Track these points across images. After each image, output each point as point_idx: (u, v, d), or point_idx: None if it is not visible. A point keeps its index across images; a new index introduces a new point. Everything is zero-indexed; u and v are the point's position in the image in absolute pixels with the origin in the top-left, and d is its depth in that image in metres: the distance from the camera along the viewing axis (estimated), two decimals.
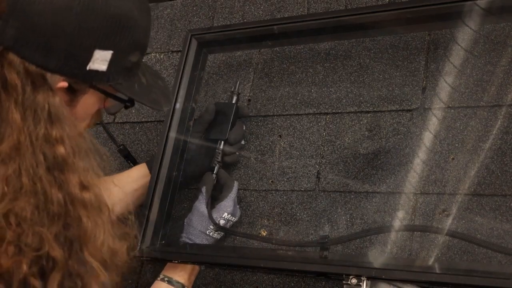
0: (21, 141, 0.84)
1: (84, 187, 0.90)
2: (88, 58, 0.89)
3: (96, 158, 0.95)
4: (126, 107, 1.05)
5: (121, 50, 0.92)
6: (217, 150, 1.41)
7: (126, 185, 1.37)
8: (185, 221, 1.35)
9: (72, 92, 0.93)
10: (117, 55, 0.92)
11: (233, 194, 1.36)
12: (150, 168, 1.42)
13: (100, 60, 0.90)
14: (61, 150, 0.87)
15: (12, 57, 0.85)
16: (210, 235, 1.33)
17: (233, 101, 1.45)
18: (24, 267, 0.83)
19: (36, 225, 0.84)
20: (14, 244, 0.83)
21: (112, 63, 0.92)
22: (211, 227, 1.33)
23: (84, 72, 0.90)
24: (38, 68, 0.87)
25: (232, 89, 1.47)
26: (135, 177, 1.42)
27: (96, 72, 0.91)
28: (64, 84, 0.91)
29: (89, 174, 0.92)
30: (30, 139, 0.85)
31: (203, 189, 1.36)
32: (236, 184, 1.38)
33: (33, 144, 0.85)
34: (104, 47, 0.90)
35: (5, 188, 0.83)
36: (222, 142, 1.42)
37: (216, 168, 1.41)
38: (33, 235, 0.84)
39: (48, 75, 0.88)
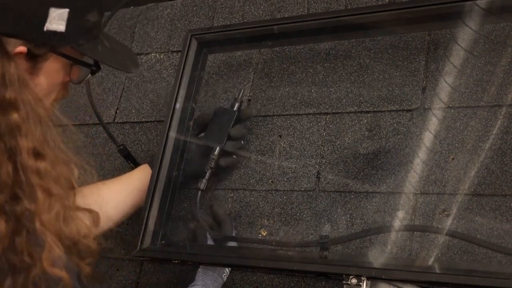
0: None
1: (38, 155, 0.85)
2: (44, 17, 0.86)
3: (57, 130, 0.90)
4: (92, 72, 1.01)
5: (77, 7, 0.89)
6: (211, 156, 1.40)
7: (127, 189, 1.37)
8: (197, 274, 1.30)
9: (32, 58, 0.90)
10: (74, 13, 0.88)
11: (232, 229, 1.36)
12: (151, 166, 1.42)
13: (57, 20, 0.86)
14: (14, 115, 0.83)
15: None
16: (223, 278, 1.32)
17: (235, 108, 1.44)
18: None
19: None
20: None
21: (70, 22, 0.88)
22: (226, 269, 1.33)
23: (41, 33, 0.86)
24: None
25: (236, 96, 1.46)
26: (137, 178, 1.41)
27: (55, 33, 0.87)
28: (22, 49, 0.87)
29: (47, 143, 0.87)
30: None
31: (204, 236, 1.33)
32: (232, 224, 1.36)
33: None
34: (59, 4, 0.86)
35: None
36: (218, 148, 1.40)
37: (207, 173, 1.41)
38: None
39: (4, 40, 0.84)
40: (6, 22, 0.84)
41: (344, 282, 1.09)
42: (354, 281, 1.08)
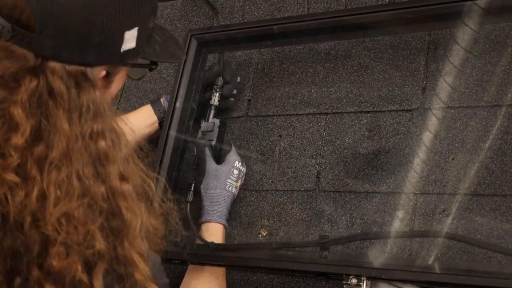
0: (70, 146, 0.85)
1: (123, 178, 0.90)
2: (121, 42, 0.90)
3: (134, 147, 0.97)
4: (151, 70, 1.07)
5: (143, 22, 0.94)
6: (194, 166, 1.42)
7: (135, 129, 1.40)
8: (202, 191, 1.35)
9: (108, 77, 0.95)
10: (141, 28, 0.93)
11: (234, 149, 1.40)
12: (155, 110, 1.48)
13: (130, 39, 0.91)
14: (102, 144, 0.88)
15: (53, 64, 0.85)
16: (229, 190, 1.35)
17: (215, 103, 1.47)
18: (79, 267, 0.85)
19: (85, 223, 0.85)
20: (65, 245, 0.84)
21: (139, 38, 0.93)
22: (229, 180, 1.35)
23: (119, 55, 0.91)
24: (79, 67, 0.87)
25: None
26: (142, 120, 1.47)
27: (128, 51, 0.92)
28: (103, 72, 0.92)
29: (129, 164, 0.93)
30: (77, 142, 0.86)
31: (206, 151, 1.37)
32: (232, 146, 1.41)
33: (81, 145, 0.86)
34: (131, 27, 0.91)
35: (58, 193, 0.84)
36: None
37: (193, 184, 1.41)
38: (84, 234, 0.85)
39: (89, 70, 0.88)
40: (90, 54, 0.88)
41: (344, 282, 1.09)
42: (354, 281, 1.08)
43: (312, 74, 1.45)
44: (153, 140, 1.52)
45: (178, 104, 1.43)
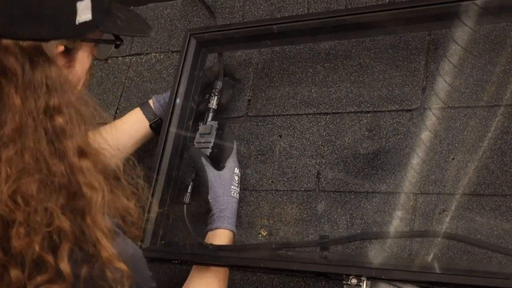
0: (23, 122, 0.84)
1: (82, 153, 0.89)
2: (74, 12, 0.89)
3: (95, 119, 0.95)
4: (116, 46, 1.06)
5: None
6: (192, 169, 1.42)
7: (121, 138, 1.40)
8: (210, 200, 1.33)
9: (68, 53, 0.93)
10: None
11: (235, 152, 1.39)
12: (145, 113, 1.46)
13: (84, 10, 0.90)
14: (59, 120, 0.87)
15: (6, 42, 0.84)
16: (234, 196, 1.34)
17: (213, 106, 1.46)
18: (36, 247, 0.83)
19: (44, 201, 0.84)
20: (25, 224, 0.83)
21: (93, 9, 0.92)
22: (232, 187, 1.35)
23: (75, 28, 0.90)
24: (33, 42, 0.86)
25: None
26: (133, 124, 1.46)
27: (85, 23, 0.91)
28: (61, 48, 0.91)
29: (90, 140, 0.91)
30: (32, 117, 0.85)
31: (203, 161, 1.35)
32: (235, 143, 1.40)
33: (35, 121, 0.85)
34: None
35: (8, 170, 0.83)
36: None
37: (190, 186, 1.42)
38: (42, 212, 0.84)
39: (43, 45, 0.87)
40: (43, 27, 0.87)
41: (344, 282, 1.09)
42: (354, 281, 1.08)
43: (312, 74, 1.45)
44: (152, 140, 1.52)
45: (177, 104, 1.43)
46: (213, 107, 1.46)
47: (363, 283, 1.07)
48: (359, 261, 1.16)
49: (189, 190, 1.41)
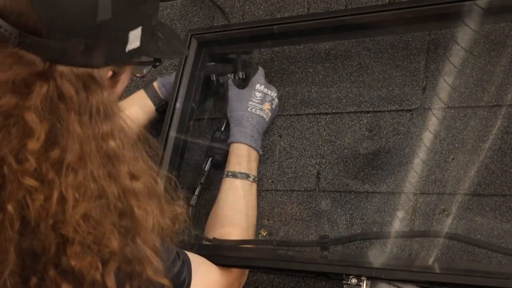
0: (84, 148, 0.87)
1: (133, 176, 0.92)
2: (126, 42, 0.91)
3: (144, 146, 0.97)
4: (155, 66, 1.09)
5: (146, 21, 0.95)
6: (201, 172, 1.43)
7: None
8: (227, 115, 1.37)
9: (114, 77, 0.96)
10: (144, 27, 0.94)
11: (260, 72, 1.41)
12: (150, 97, 1.48)
13: (135, 39, 0.92)
14: (112, 144, 0.89)
15: (61, 68, 0.86)
16: (253, 112, 1.37)
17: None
18: (99, 266, 0.86)
19: (102, 223, 0.87)
20: (82, 244, 0.85)
21: (143, 36, 0.94)
22: (250, 103, 1.37)
23: (125, 55, 0.92)
24: (86, 69, 0.88)
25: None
26: (138, 107, 1.48)
27: (133, 50, 0.93)
28: (110, 73, 0.93)
29: (138, 163, 0.94)
30: (90, 144, 0.87)
31: (229, 81, 1.39)
32: (259, 70, 1.42)
33: (93, 148, 0.88)
34: (135, 27, 0.92)
35: (77, 195, 0.85)
36: (208, 163, 1.44)
37: (198, 189, 1.43)
38: (100, 233, 0.87)
39: (96, 72, 0.89)
40: (97, 56, 0.89)
41: (344, 282, 1.09)
42: (354, 281, 1.08)
43: (312, 74, 1.45)
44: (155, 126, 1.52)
45: (178, 104, 1.43)
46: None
47: (363, 283, 1.07)
48: (359, 261, 1.16)
49: (196, 193, 1.41)
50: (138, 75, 1.08)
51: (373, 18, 1.28)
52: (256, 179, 1.36)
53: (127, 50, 0.92)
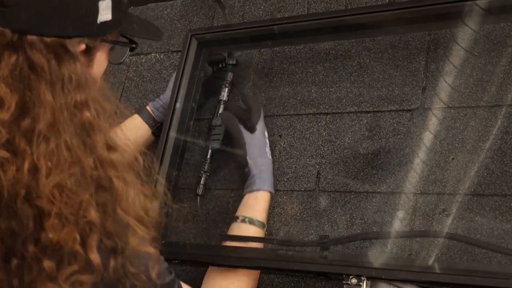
0: (56, 117, 0.87)
1: (110, 147, 0.92)
2: (96, 11, 0.92)
3: (117, 115, 0.98)
4: (131, 50, 1.09)
5: None
6: (205, 160, 1.42)
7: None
8: (249, 161, 1.34)
9: (88, 53, 0.96)
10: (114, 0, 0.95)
11: (262, 115, 1.40)
12: (145, 119, 1.48)
13: (105, 10, 0.93)
14: (87, 114, 0.90)
15: (31, 38, 0.87)
16: (269, 158, 1.36)
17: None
18: (77, 237, 0.85)
19: (79, 193, 0.87)
20: (60, 216, 0.85)
21: (113, 9, 0.95)
22: (266, 149, 1.36)
23: (96, 27, 0.93)
24: (57, 39, 0.89)
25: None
26: (133, 131, 1.46)
27: (105, 23, 0.94)
28: (83, 46, 0.93)
29: (115, 136, 0.95)
30: (64, 112, 0.88)
31: (238, 124, 1.37)
32: (262, 108, 1.41)
33: (67, 116, 0.88)
34: None
35: (49, 164, 0.85)
36: (210, 151, 1.44)
37: (203, 178, 1.43)
38: (77, 204, 0.86)
39: (67, 42, 0.90)
40: (67, 25, 0.89)
41: (344, 282, 1.09)
42: (354, 281, 1.08)
43: (312, 74, 1.45)
44: (152, 143, 1.52)
45: (178, 104, 1.43)
46: (224, 98, 1.47)
47: (363, 283, 1.07)
48: (359, 261, 1.16)
49: (202, 182, 1.41)
50: (114, 62, 1.08)
51: (373, 18, 1.28)
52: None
53: (98, 21, 0.92)
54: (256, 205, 1.30)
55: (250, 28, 1.43)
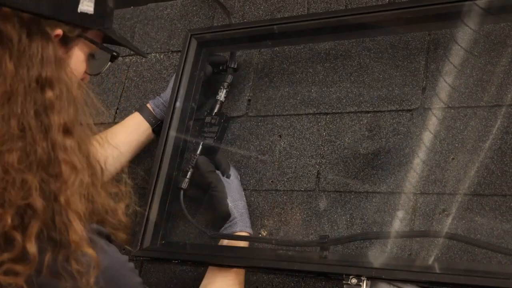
0: (13, 87, 0.86)
1: (67, 131, 0.89)
2: (77, 0, 0.92)
3: (90, 112, 0.95)
4: (112, 58, 1.07)
5: None
6: (193, 155, 1.43)
7: (122, 142, 1.41)
8: (230, 204, 1.34)
9: (65, 43, 0.95)
10: None
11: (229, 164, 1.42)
12: (145, 117, 1.47)
13: (87, 1, 0.93)
14: (49, 93, 0.88)
15: (5, 10, 0.87)
16: (245, 200, 1.38)
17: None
18: (8, 220, 0.82)
19: (23, 173, 0.84)
20: (0, 195, 0.82)
21: (96, 5, 0.95)
22: (242, 192, 1.39)
23: (76, 14, 0.93)
24: (33, 16, 0.89)
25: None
26: (134, 128, 1.46)
27: (86, 14, 0.94)
28: (59, 31, 0.93)
29: (78, 122, 0.92)
30: (23, 84, 0.86)
31: (216, 171, 1.38)
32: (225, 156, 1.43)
33: (26, 89, 0.87)
34: None
35: None
36: (200, 147, 1.43)
37: (189, 172, 1.42)
38: (19, 184, 0.83)
39: (43, 22, 0.90)
40: (44, 4, 0.89)
41: (344, 282, 1.09)
42: (354, 281, 1.08)
43: (312, 74, 1.45)
44: (152, 140, 1.52)
45: (178, 104, 1.43)
46: (221, 99, 1.47)
47: (363, 283, 1.07)
48: (359, 261, 1.16)
49: (188, 176, 1.41)
50: (92, 73, 1.07)
51: (373, 18, 1.28)
52: None
53: (79, 10, 0.92)
54: (239, 244, 1.31)
55: (250, 28, 1.43)
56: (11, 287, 0.82)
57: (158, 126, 1.48)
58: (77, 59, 0.99)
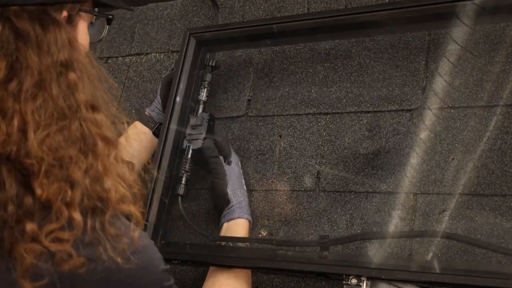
0: (43, 76, 0.90)
1: (93, 107, 0.95)
2: None
3: (104, 88, 1.01)
4: (108, 21, 1.14)
5: None
6: (184, 159, 1.42)
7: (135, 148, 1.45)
8: (229, 193, 1.36)
9: (71, 22, 1.00)
10: None
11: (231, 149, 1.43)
12: (144, 123, 1.49)
13: None
14: (71, 74, 0.93)
15: (14, 8, 0.90)
16: (245, 188, 1.39)
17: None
18: (68, 193, 0.87)
19: (65, 149, 0.89)
20: (48, 174, 0.87)
21: None
22: (242, 180, 1.39)
23: None
24: (39, 6, 0.92)
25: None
26: (135, 136, 1.49)
27: None
28: (65, 13, 0.97)
29: (98, 97, 0.97)
30: (50, 71, 0.91)
31: (220, 157, 1.39)
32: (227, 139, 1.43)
33: (51, 75, 0.91)
34: None
35: (37, 117, 0.88)
36: (190, 150, 1.42)
37: (184, 178, 1.41)
38: (65, 161, 0.89)
39: (50, 9, 0.93)
40: None
41: (344, 282, 1.09)
42: (354, 281, 1.08)
43: (312, 74, 1.45)
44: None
45: (177, 102, 1.43)
46: (203, 99, 1.47)
47: (363, 283, 1.07)
48: (359, 261, 1.16)
49: (183, 182, 1.40)
50: (95, 40, 1.14)
51: (373, 18, 1.28)
52: None
53: None
54: (237, 231, 1.32)
55: (249, 27, 1.42)
56: (61, 253, 0.86)
57: (157, 129, 1.50)
58: (83, 33, 1.04)
